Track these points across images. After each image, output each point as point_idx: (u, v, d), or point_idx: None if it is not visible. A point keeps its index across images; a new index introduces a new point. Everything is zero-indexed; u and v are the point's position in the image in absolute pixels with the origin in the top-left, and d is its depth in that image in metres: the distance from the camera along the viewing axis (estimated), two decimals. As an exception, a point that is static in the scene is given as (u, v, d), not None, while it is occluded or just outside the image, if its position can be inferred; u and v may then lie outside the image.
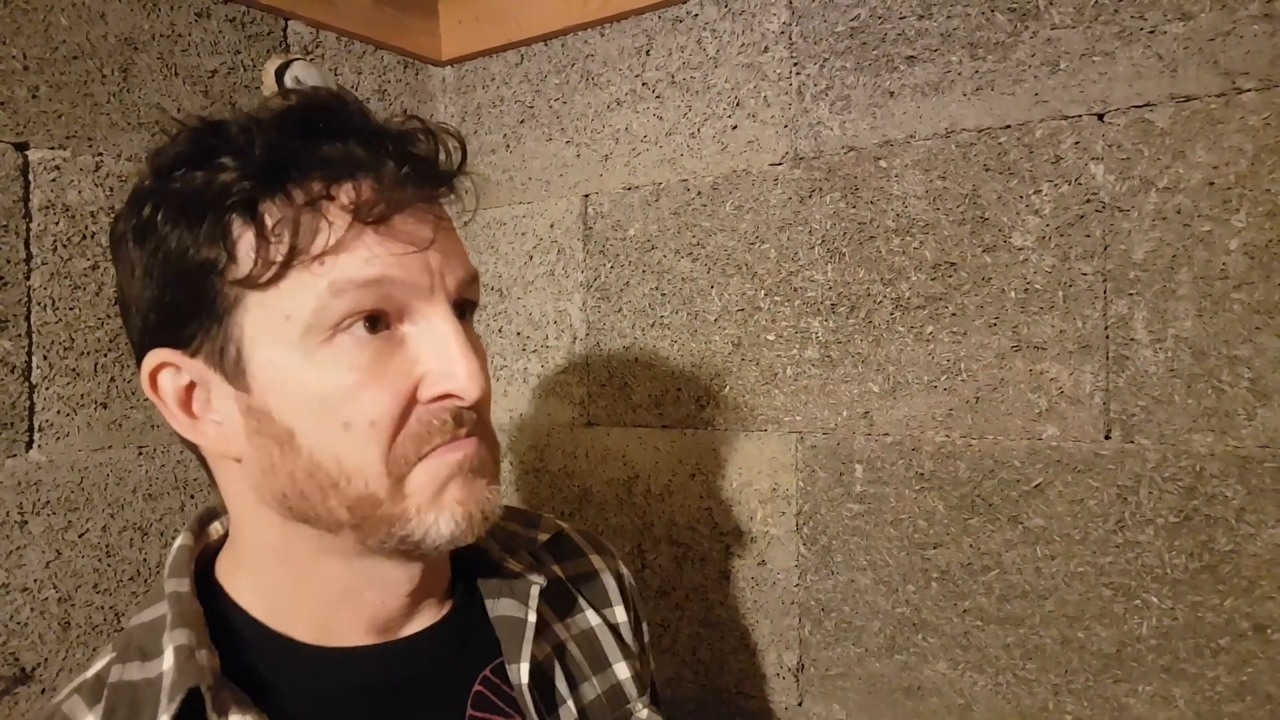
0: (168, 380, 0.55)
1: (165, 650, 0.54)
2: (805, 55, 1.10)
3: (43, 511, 0.97)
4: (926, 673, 1.02)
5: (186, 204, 0.52)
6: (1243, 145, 0.85)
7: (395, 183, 0.53)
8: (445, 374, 0.53)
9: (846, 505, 1.08)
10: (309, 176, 0.52)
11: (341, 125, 0.54)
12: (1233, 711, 0.86)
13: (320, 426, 0.53)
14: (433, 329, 0.54)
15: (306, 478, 0.53)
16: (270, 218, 0.52)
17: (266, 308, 0.52)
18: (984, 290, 0.98)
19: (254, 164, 0.52)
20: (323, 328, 0.52)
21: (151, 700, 0.52)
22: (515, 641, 0.62)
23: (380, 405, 0.52)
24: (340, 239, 0.52)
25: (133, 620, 0.57)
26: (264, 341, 0.53)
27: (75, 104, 1.00)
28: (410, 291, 0.53)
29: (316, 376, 0.52)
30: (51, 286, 0.98)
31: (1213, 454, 0.87)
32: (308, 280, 0.52)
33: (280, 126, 0.53)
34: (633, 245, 1.25)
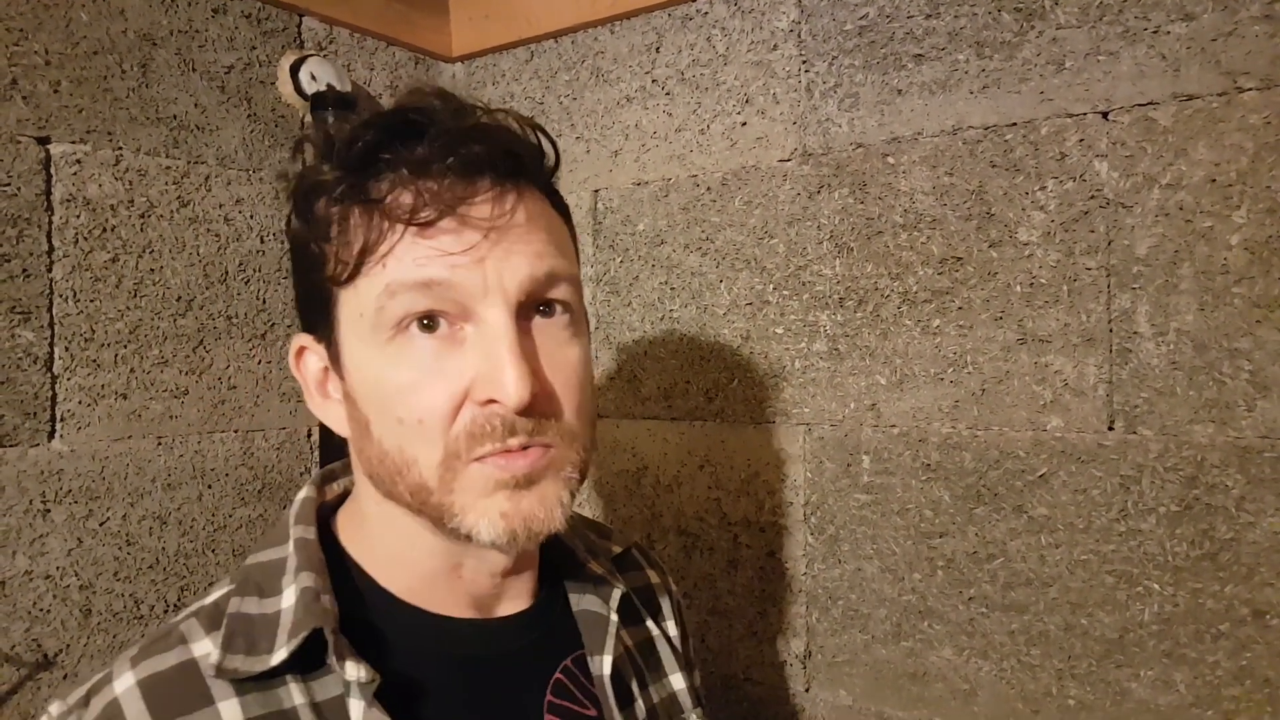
0: (311, 362, 0.60)
1: (285, 590, 0.57)
2: (814, 53, 1.12)
3: (64, 500, 0.98)
4: (932, 659, 1.05)
5: (302, 200, 0.57)
6: (1243, 143, 0.87)
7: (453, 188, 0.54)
8: (491, 379, 0.54)
9: (854, 495, 1.10)
10: (382, 178, 0.55)
11: (423, 124, 0.55)
12: (1232, 695, 0.89)
13: (383, 418, 0.56)
14: (486, 332, 0.55)
15: (380, 463, 0.57)
16: (350, 218, 0.55)
17: (349, 305, 0.56)
18: (990, 284, 1.00)
19: (343, 164, 0.55)
20: (384, 327, 0.54)
21: (267, 634, 0.54)
22: (599, 635, 0.65)
23: (431, 403, 0.54)
24: (399, 242, 0.54)
25: (250, 559, 0.60)
26: (349, 336, 0.57)
27: (95, 99, 1.02)
28: (466, 294, 0.54)
29: (381, 372, 0.55)
30: (73, 279, 0.99)
31: (1213, 444, 0.89)
32: (374, 281, 0.54)
33: (375, 126, 0.55)
34: (642, 240, 1.27)
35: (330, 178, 0.56)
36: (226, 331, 1.13)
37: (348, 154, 0.55)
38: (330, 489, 0.67)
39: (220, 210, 1.13)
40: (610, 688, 0.63)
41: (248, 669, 0.53)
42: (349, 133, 0.56)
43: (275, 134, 1.18)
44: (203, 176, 1.11)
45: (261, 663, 0.53)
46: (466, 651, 0.61)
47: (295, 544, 0.59)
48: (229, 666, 0.52)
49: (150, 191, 1.06)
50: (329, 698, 0.54)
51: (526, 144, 0.59)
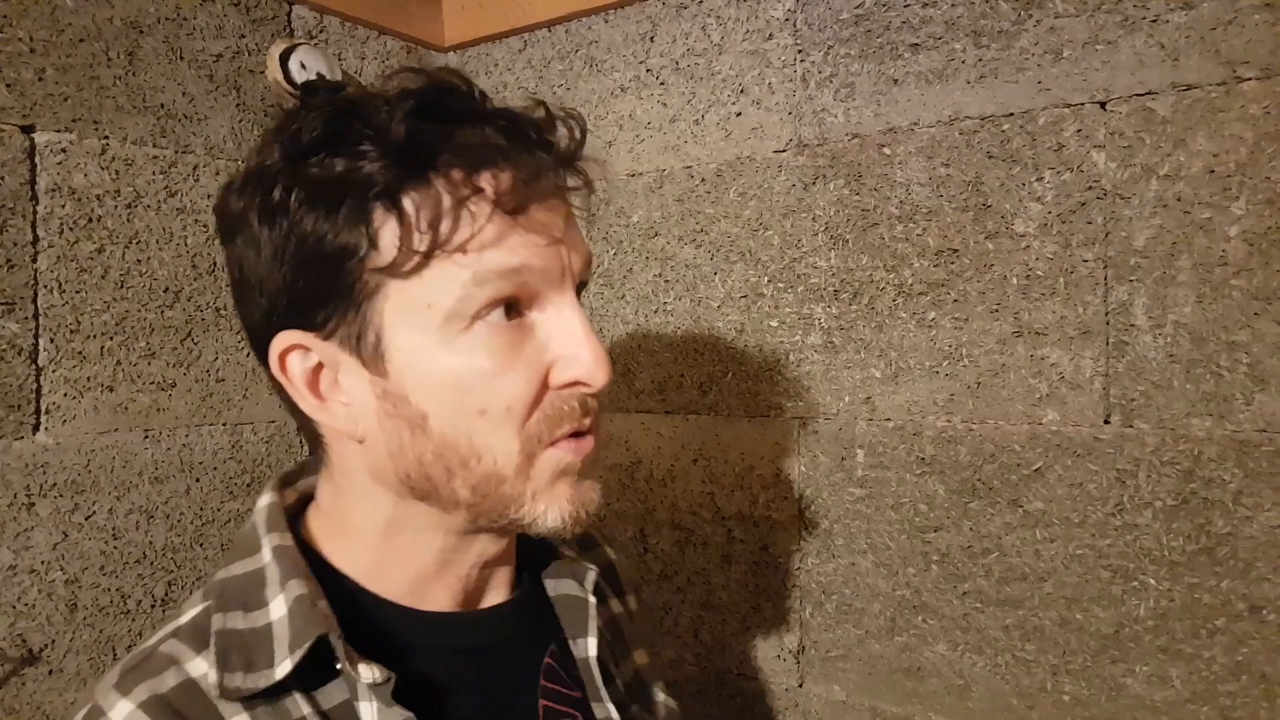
0: (296, 362, 0.56)
1: (271, 602, 0.54)
2: (809, 42, 1.11)
3: (50, 494, 0.97)
4: (926, 654, 1.04)
5: (325, 190, 0.52)
6: (1243, 134, 0.86)
7: (534, 173, 0.53)
8: (575, 360, 0.54)
9: (848, 489, 1.09)
10: (450, 164, 0.52)
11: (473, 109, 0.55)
12: (1228, 691, 0.88)
13: (455, 411, 0.54)
14: (562, 316, 0.55)
15: (435, 460, 0.55)
16: (413, 207, 0.52)
17: (408, 295, 0.53)
18: (986, 276, 0.99)
19: (396, 150, 0.52)
20: (464, 316, 0.53)
21: (263, 649, 0.52)
22: (580, 619, 0.66)
23: (516, 390, 0.54)
24: (483, 229, 0.52)
25: (222, 574, 0.57)
26: (404, 328, 0.53)
27: (81, 87, 1.00)
28: (544, 279, 0.54)
29: (455, 362, 0.53)
30: (58, 269, 0.98)
31: (1211, 438, 0.88)
32: (450, 270, 0.52)
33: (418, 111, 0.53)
34: (636, 231, 1.26)
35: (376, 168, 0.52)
36: (215, 323, 1.12)
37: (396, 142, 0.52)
38: (290, 493, 0.64)
39: (208, 200, 1.11)
40: (596, 669, 0.64)
41: (251, 686, 0.51)
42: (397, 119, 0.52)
43: (264, 123, 1.17)
44: (190, 166, 1.10)
45: (265, 678, 0.51)
46: (462, 644, 0.61)
47: (274, 553, 0.56)
48: (230, 685, 0.51)
49: (137, 181, 1.05)
50: (334, 704, 0.53)
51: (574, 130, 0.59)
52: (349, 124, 0.53)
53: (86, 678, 0.99)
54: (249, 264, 0.56)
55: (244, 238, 0.55)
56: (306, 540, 0.61)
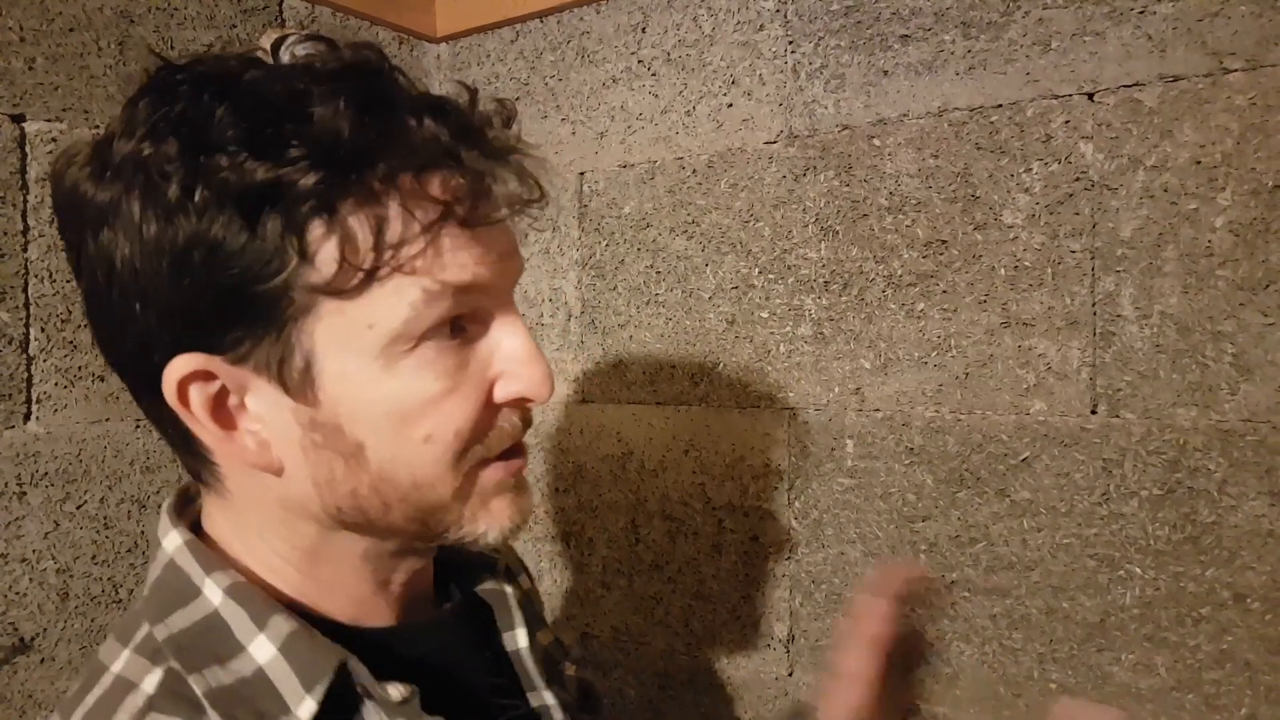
0: (197, 390, 0.49)
1: (250, 645, 0.49)
2: (800, 33, 1.11)
3: (41, 483, 0.97)
4: (915, 643, 1.04)
5: (242, 196, 0.44)
6: (1229, 125, 0.87)
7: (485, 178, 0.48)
8: (519, 375, 0.52)
9: (837, 480, 1.09)
10: (396, 167, 0.46)
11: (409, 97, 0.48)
12: (1212, 679, 0.89)
13: (395, 441, 0.50)
14: (506, 331, 0.53)
15: (371, 493, 0.51)
16: (354, 218, 0.46)
17: (345, 316, 0.47)
18: (974, 268, 1.00)
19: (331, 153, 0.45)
20: (410, 337, 0.48)
21: (267, 697, 0.48)
22: (507, 612, 0.65)
23: (464, 412, 0.51)
24: (436, 242, 0.47)
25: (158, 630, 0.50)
26: (339, 352, 0.48)
27: (72, 76, 1.00)
28: (492, 295, 0.52)
29: (398, 388, 0.49)
30: (49, 259, 0.98)
31: (1196, 428, 0.89)
32: (398, 288, 0.47)
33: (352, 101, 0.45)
34: (628, 223, 1.26)
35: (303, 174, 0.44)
36: (206, 313, 1.12)
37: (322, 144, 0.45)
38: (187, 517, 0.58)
39: (200, 191, 1.11)
40: (529, 659, 0.64)
41: None
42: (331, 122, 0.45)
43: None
44: (181, 156, 1.10)
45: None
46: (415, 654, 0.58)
47: (229, 593, 0.51)
48: None
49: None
50: None
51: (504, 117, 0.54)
52: (270, 118, 0.45)
53: (78, 666, 0.99)
54: (124, 269, 0.47)
55: (119, 235, 0.46)
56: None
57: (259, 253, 0.45)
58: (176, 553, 0.53)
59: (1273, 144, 0.85)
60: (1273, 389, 0.85)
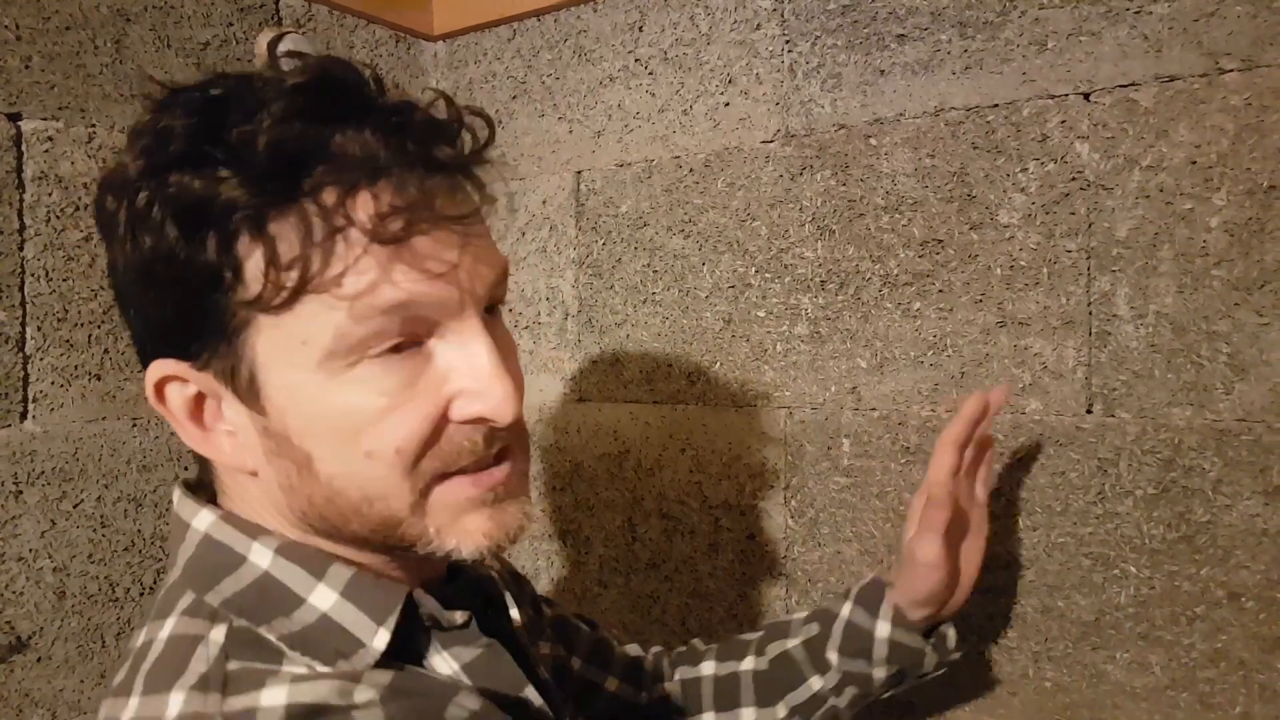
0: (175, 392, 0.51)
1: (310, 596, 0.50)
2: (797, 33, 1.11)
3: (37, 482, 0.97)
4: (910, 641, 1.04)
5: (187, 210, 0.46)
6: (1224, 125, 0.87)
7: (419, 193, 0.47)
8: (478, 395, 0.50)
9: (833, 478, 1.10)
10: (323, 183, 0.46)
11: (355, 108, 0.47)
12: (1207, 677, 0.89)
13: (341, 454, 0.49)
14: (464, 346, 0.50)
15: (326, 502, 0.51)
16: (280, 235, 0.46)
17: (281, 330, 0.48)
18: (970, 267, 1.00)
19: (257, 170, 0.45)
20: (345, 353, 0.48)
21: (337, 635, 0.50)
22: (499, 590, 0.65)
23: (409, 428, 0.49)
24: (359, 261, 0.46)
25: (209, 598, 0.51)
26: (279, 366, 0.48)
27: (68, 75, 1.00)
28: (438, 310, 0.49)
29: (339, 401, 0.48)
30: (45, 257, 0.98)
31: (1191, 427, 0.89)
32: (325, 305, 0.47)
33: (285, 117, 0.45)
34: (625, 222, 1.26)
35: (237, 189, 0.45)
36: (203, 312, 1.12)
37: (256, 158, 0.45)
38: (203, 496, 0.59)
39: (196, 189, 1.11)
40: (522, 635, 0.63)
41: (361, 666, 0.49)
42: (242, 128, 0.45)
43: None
44: (178, 155, 1.10)
45: (367, 656, 0.49)
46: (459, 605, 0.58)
47: (280, 553, 0.52)
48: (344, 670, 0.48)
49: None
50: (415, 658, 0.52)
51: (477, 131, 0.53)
52: (210, 134, 0.46)
53: (75, 665, 0.99)
54: (120, 274, 0.51)
55: (116, 244, 0.50)
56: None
57: (204, 266, 0.47)
58: (212, 528, 0.53)
59: (1268, 144, 0.85)
60: (1267, 388, 0.85)
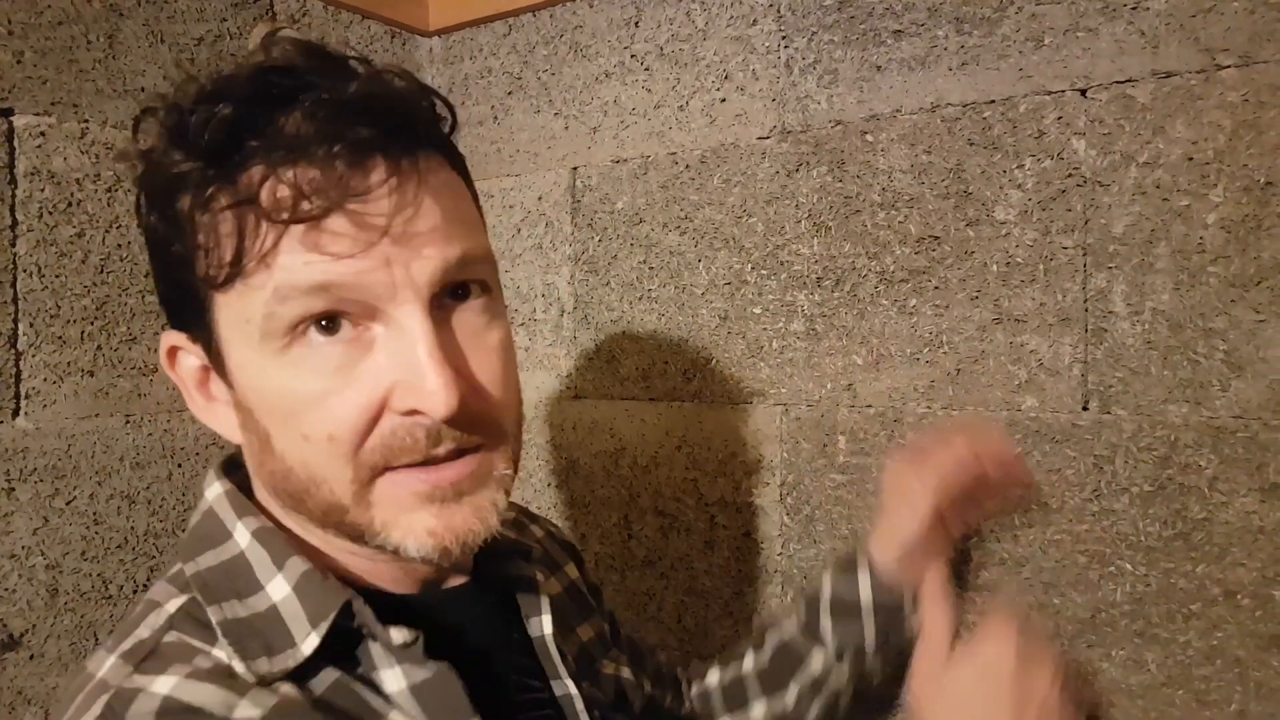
0: (184, 361, 0.54)
1: (268, 584, 0.51)
2: (793, 29, 1.11)
3: (30, 479, 0.97)
4: (906, 639, 1.04)
5: (153, 193, 0.49)
6: (1221, 121, 0.86)
7: (338, 172, 0.46)
8: (412, 388, 0.48)
9: (829, 476, 1.09)
10: (251, 163, 0.47)
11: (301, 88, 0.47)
12: (1203, 674, 0.89)
13: (285, 433, 0.50)
14: (400, 334, 0.49)
15: (284, 478, 0.52)
16: (218, 217, 0.48)
17: (230, 309, 0.50)
18: (967, 264, 1.00)
19: (201, 150, 0.47)
20: (276, 334, 0.48)
21: (276, 631, 0.50)
22: (532, 597, 0.64)
23: (340, 418, 0.49)
24: (280, 239, 0.47)
25: (188, 568, 0.53)
26: (234, 342, 0.50)
27: (61, 70, 0.99)
28: (371, 295, 0.48)
29: (279, 382, 0.49)
30: (37, 254, 0.97)
31: (1187, 424, 0.89)
32: (256, 284, 0.48)
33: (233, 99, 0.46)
34: (621, 218, 1.25)
35: (185, 168, 0.47)
36: (197, 308, 1.12)
37: (203, 138, 0.46)
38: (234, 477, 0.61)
39: (190, 185, 1.11)
40: (553, 646, 0.63)
41: (280, 668, 0.49)
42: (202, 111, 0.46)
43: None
44: (171, 151, 1.09)
45: (291, 658, 0.49)
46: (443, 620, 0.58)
47: (255, 536, 0.54)
48: (258, 671, 0.48)
49: (117, 165, 1.04)
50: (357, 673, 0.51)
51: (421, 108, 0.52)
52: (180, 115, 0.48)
53: (68, 663, 0.99)
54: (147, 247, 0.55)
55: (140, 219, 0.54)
56: None
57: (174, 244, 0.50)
58: (215, 501, 0.56)
59: (1265, 141, 0.84)
60: (1264, 386, 0.85)
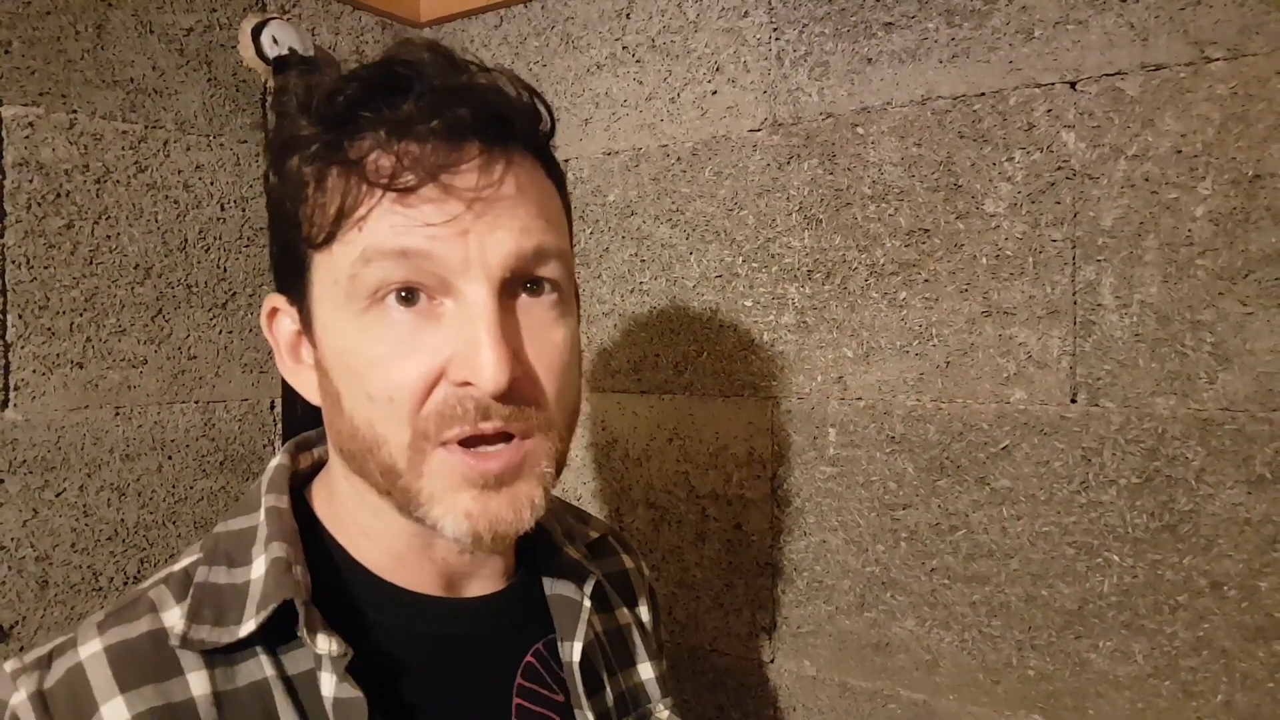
0: (283, 325, 0.58)
1: (255, 560, 0.55)
2: (785, 21, 1.10)
3: (19, 470, 0.97)
4: (895, 630, 1.05)
5: (278, 156, 0.54)
6: (1210, 114, 0.87)
7: (438, 152, 0.51)
8: (467, 360, 0.51)
9: (819, 468, 1.10)
10: (364, 135, 0.52)
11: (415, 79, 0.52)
12: (1189, 665, 0.89)
13: (353, 392, 0.53)
14: (466, 309, 0.52)
15: (350, 438, 0.54)
16: (327, 178, 0.52)
17: (323, 269, 0.53)
18: (956, 256, 1.00)
19: (321, 120, 0.52)
20: (359, 296, 0.52)
21: (236, 605, 0.53)
22: (570, 621, 0.64)
23: (401, 381, 0.52)
24: (375, 206, 0.51)
25: (220, 527, 0.58)
26: (323, 302, 0.54)
27: (49, 60, 0.99)
28: (445, 267, 0.51)
29: (353, 343, 0.53)
30: (26, 245, 0.97)
31: (1175, 416, 0.89)
32: (348, 245, 0.52)
33: (358, 80, 0.52)
34: (612, 211, 1.25)
35: (307, 133, 0.53)
36: (186, 300, 1.11)
37: (327, 109, 0.52)
38: (305, 457, 0.65)
39: (179, 176, 1.11)
40: (579, 674, 0.62)
41: (214, 640, 0.51)
42: (329, 86, 0.53)
43: (236, 98, 1.16)
44: (161, 141, 1.09)
45: (229, 634, 0.51)
46: (439, 630, 0.59)
47: (267, 513, 0.57)
48: (195, 637, 0.51)
49: (106, 156, 1.04)
50: (300, 671, 0.53)
51: (519, 106, 0.55)
52: (310, 90, 0.53)
53: (58, 654, 0.99)
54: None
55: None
56: (308, 504, 0.61)
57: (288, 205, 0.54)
58: (266, 473, 0.61)
59: (1253, 133, 0.85)
60: (1251, 378, 0.86)
